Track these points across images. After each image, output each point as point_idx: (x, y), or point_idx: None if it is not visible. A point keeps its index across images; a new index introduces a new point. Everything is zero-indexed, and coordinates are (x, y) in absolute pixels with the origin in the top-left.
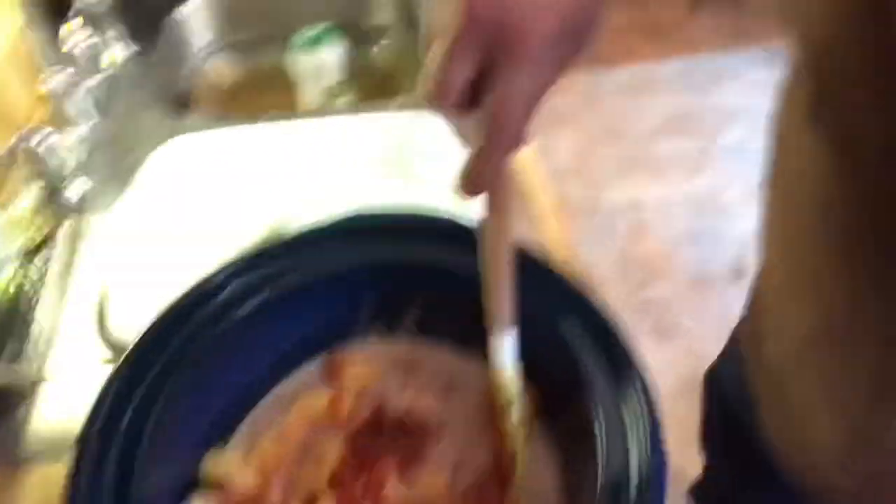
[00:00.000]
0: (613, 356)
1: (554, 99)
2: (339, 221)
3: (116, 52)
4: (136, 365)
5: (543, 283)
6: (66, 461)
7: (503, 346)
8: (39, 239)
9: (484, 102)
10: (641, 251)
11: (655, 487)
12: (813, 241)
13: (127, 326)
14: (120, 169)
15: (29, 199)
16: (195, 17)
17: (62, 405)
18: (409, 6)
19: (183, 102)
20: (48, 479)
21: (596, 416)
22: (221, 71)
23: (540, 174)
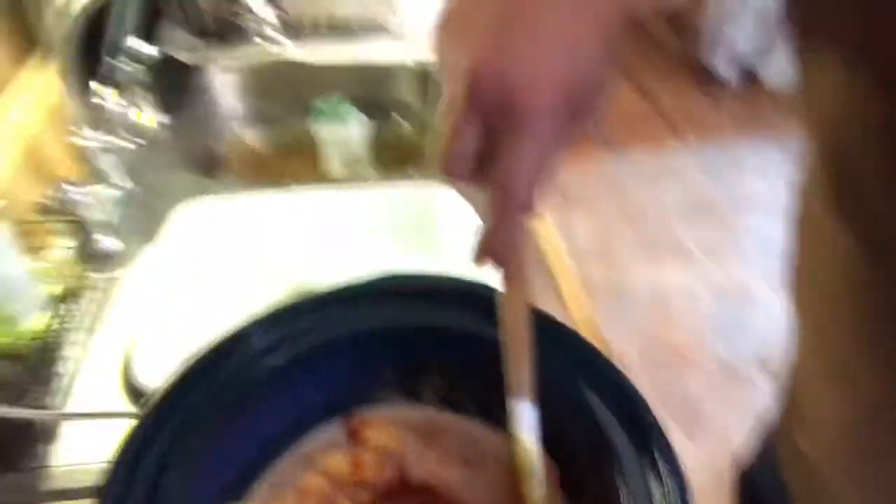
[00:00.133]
0: (639, 427)
1: (572, 181)
2: (364, 283)
3: (148, 117)
4: (157, 415)
5: (566, 350)
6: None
7: (523, 415)
8: (70, 287)
9: (491, 173)
10: (666, 337)
11: None
12: (844, 329)
13: (151, 376)
14: (148, 225)
15: (61, 249)
16: (224, 87)
17: (83, 447)
18: (426, 84)
19: (211, 167)
20: None
21: (622, 490)
22: (249, 138)
23: (562, 254)
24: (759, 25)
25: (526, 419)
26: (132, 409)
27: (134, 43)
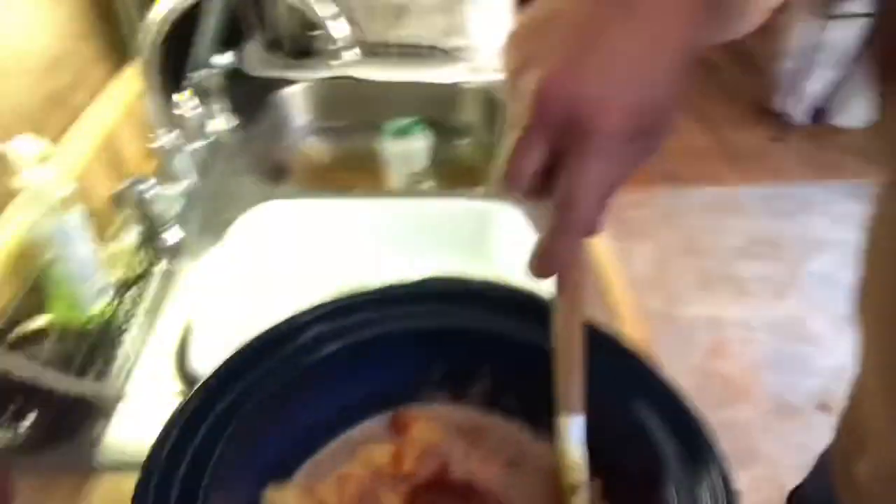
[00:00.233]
0: (691, 443)
1: (633, 213)
2: (420, 283)
3: (221, 121)
4: (207, 396)
5: (618, 363)
6: (133, 477)
7: (571, 428)
8: (135, 275)
9: (554, 190)
10: (721, 371)
11: None
12: None
13: (205, 362)
14: (214, 224)
15: (130, 238)
16: (295, 99)
17: (137, 425)
18: (491, 107)
19: (278, 174)
20: (116, 492)
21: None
22: (315, 149)
23: (621, 282)
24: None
25: (574, 434)
26: (184, 391)
27: (215, 55)
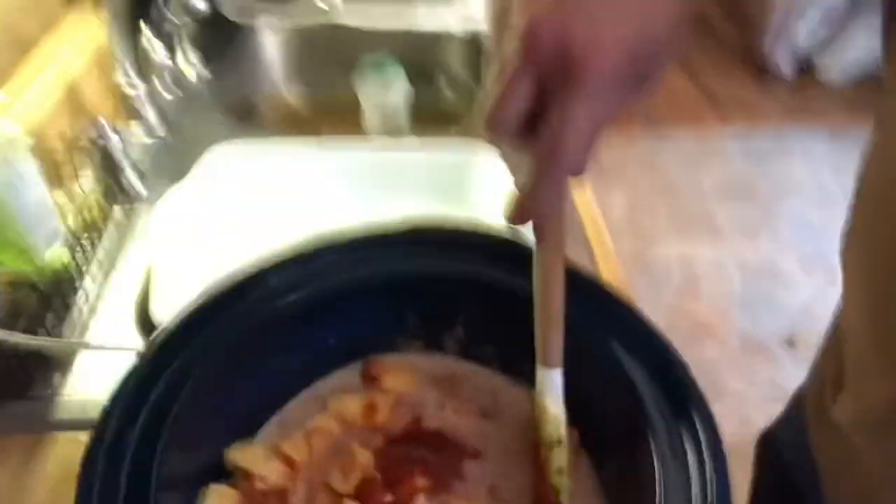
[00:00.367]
0: (675, 387)
1: (610, 154)
2: (389, 227)
3: (189, 64)
4: (168, 346)
5: (596, 306)
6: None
7: (550, 382)
8: (92, 221)
9: (540, 132)
10: (690, 309)
11: None
12: None
13: (167, 312)
14: (177, 169)
15: (88, 182)
16: (269, 46)
17: (96, 380)
18: (474, 53)
19: (250, 120)
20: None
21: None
22: (291, 98)
23: (599, 225)
24: (824, 20)
25: (553, 388)
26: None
27: None
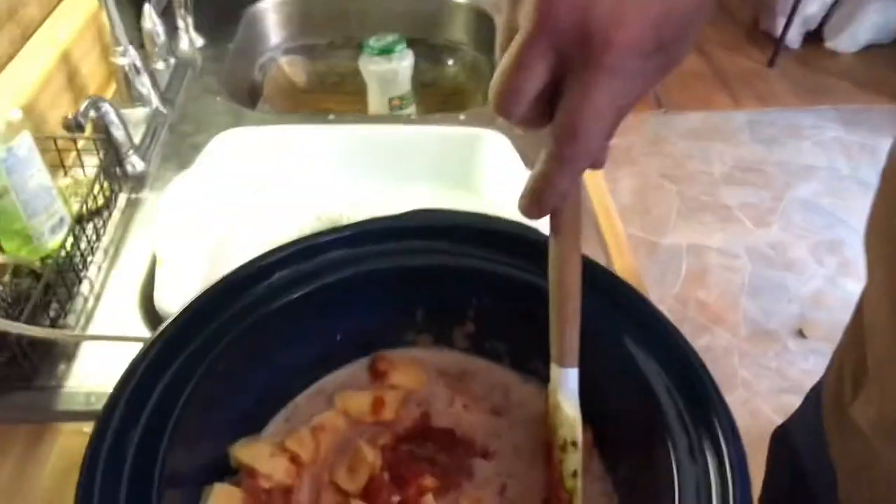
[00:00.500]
0: (692, 393)
1: (618, 138)
2: (399, 217)
3: (189, 40)
4: (174, 338)
5: (612, 300)
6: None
7: (565, 381)
8: (95, 207)
9: (556, 115)
10: (700, 297)
11: None
12: None
13: (172, 300)
14: (180, 151)
15: (91, 166)
16: (269, 15)
17: (99, 370)
18: (481, 25)
19: (251, 96)
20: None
21: (673, 461)
22: (291, 70)
23: (610, 209)
24: None
25: (568, 387)
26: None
27: None
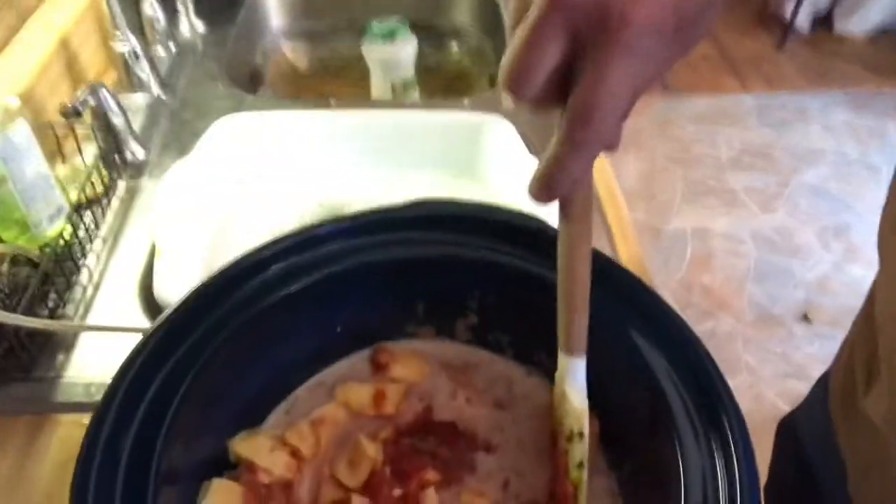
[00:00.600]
0: (700, 389)
1: (625, 121)
2: (401, 207)
3: (190, 25)
4: (173, 330)
5: (619, 292)
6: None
7: (573, 370)
8: (95, 194)
9: (570, 95)
10: (705, 282)
11: None
12: None
13: (171, 290)
14: (180, 138)
15: (90, 154)
16: (273, 2)
17: (99, 360)
18: (486, 9)
19: (252, 81)
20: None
21: (678, 453)
22: (292, 55)
23: (615, 193)
24: None
25: (576, 375)
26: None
27: None
